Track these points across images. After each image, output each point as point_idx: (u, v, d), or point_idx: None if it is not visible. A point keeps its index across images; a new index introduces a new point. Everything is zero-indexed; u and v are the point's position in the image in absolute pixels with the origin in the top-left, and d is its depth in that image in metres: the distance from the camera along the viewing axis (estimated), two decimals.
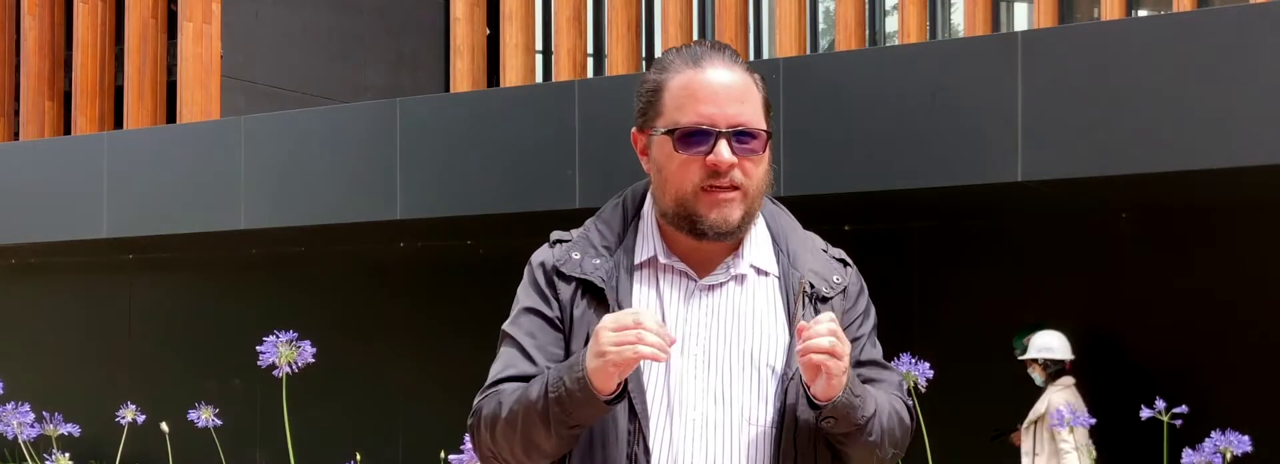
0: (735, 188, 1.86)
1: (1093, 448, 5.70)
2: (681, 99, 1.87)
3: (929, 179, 5.56)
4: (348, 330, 8.41)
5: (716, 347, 1.87)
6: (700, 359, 1.86)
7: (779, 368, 1.87)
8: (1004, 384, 6.46)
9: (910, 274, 6.72)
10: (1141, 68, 5.13)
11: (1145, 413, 4.01)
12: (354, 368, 8.53)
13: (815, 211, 7.04)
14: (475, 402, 1.94)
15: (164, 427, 5.94)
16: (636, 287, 1.90)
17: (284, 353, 2.80)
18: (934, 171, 5.52)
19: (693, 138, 1.85)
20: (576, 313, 1.89)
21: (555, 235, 1.99)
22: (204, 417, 4.36)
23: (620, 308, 1.86)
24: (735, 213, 1.87)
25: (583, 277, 1.90)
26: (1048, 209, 6.27)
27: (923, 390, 3.36)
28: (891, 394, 1.97)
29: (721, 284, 1.91)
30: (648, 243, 1.94)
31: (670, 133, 1.86)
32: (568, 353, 1.89)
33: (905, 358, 3.45)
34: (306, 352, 2.82)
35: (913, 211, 6.59)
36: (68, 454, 4.85)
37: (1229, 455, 3.44)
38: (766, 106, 1.92)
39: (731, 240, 1.90)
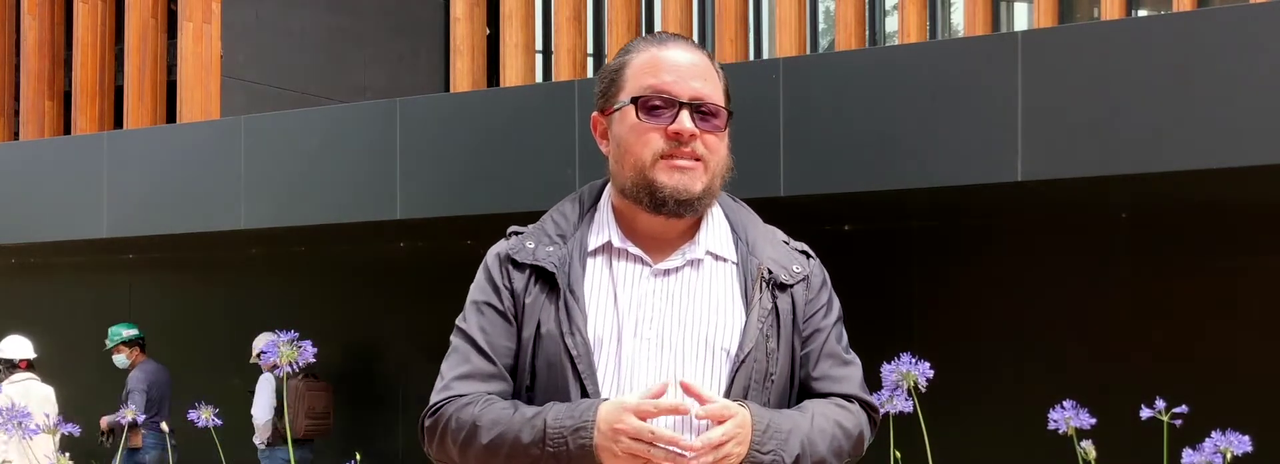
0: (697, 159, 1.88)
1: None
2: (643, 74, 1.90)
3: (929, 179, 5.55)
4: (348, 330, 8.42)
5: (670, 329, 1.88)
6: (654, 342, 1.87)
7: (733, 351, 1.88)
8: (1004, 383, 6.47)
9: (910, 274, 6.71)
10: (1141, 68, 5.13)
11: (1145, 413, 4.01)
12: (354, 368, 8.53)
13: (815, 211, 7.05)
14: (434, 400, 1.94)
15: (164, 426, 5.95)
16: (590, 272, 1.91)
17: (285, 353, 2.80)
18: (934, 171, 5.52)
19: (655, 108, 1.88)
20: (528, 300, 1.90)
21: (512, 228, 2.01)
22: (204, 416, 4.36)
23: (572, 294, 1.87)
24: (696, 183, 1.88)
25: (535, 263, 1.91)
26: (1048, 209, 6.27)
27: (923, 390, 3.36)
28: (833, 403, 1.94)
29: (677, 268, 1.92)
30: (603, 229, 1.95)
31: (634, 101, 1.88)
32: (519, 343, 1.90)
33: (905, 357, 3.45)
34: (307, 351, 2.82)
35: (913, 211, 6.59)
36: (68, 454, 4.85)
37: (1229, 455, 3.43)
38: (727, 94, 1.94)
39: (690, 215, 1.91)
